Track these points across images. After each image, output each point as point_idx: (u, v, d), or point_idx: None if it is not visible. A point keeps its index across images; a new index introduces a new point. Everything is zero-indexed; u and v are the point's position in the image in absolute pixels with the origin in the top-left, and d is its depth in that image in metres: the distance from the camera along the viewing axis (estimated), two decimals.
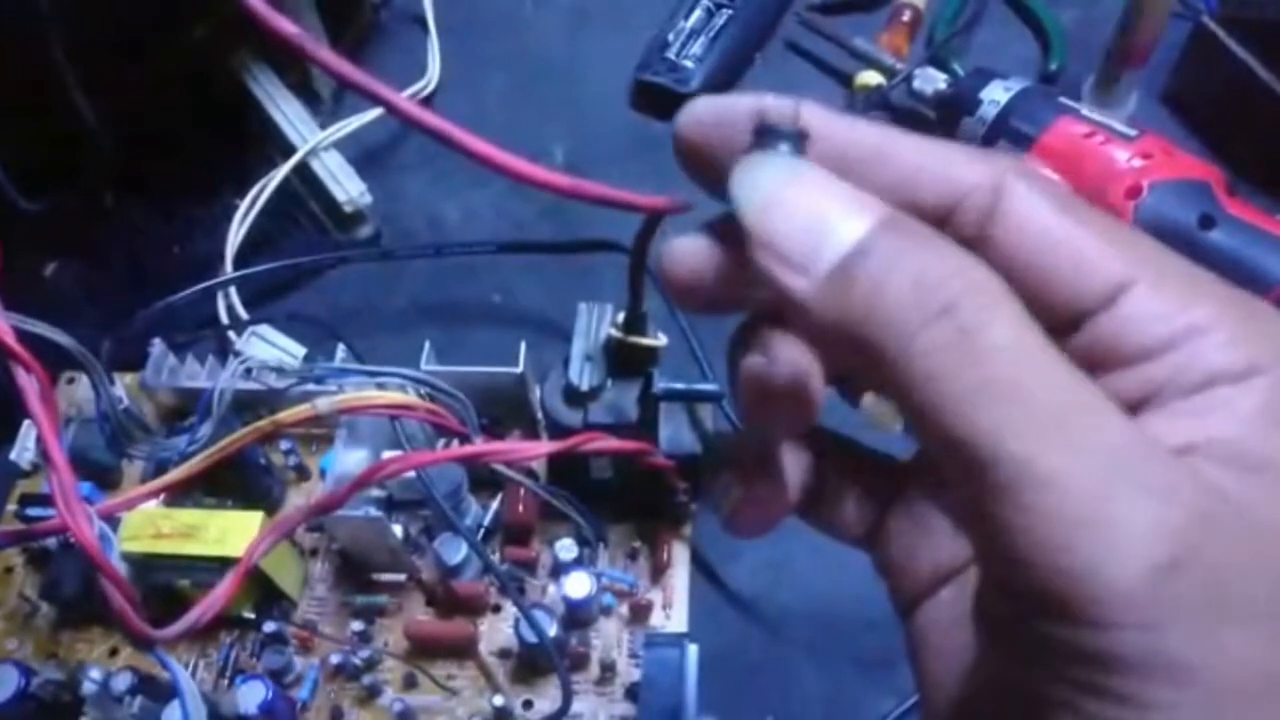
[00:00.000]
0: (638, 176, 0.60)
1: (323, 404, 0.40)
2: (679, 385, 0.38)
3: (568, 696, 0.34)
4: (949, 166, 0.17)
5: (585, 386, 0.38)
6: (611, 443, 0.36)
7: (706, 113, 0.18)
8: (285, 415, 0.40)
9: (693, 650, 0.36)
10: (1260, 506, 0.15)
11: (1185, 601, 0.13)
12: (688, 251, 0.18)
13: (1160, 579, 0.13)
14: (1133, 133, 0.48)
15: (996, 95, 0.51)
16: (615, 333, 0.39)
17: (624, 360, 0.39)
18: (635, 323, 0.38)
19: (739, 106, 0.17)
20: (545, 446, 0.35)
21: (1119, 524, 0.13)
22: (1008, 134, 0.50)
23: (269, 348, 0.50)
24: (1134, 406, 0.16)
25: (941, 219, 0.17)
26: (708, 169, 0.18)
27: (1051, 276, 0.17)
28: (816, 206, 0.16)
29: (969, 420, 0.14)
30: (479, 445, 0.36)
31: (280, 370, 0.40)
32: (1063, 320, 0.17)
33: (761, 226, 0.16)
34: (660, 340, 0.39)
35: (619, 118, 0.60)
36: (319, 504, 0.36)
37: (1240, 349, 0.16)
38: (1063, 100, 0.50)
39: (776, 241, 0.16)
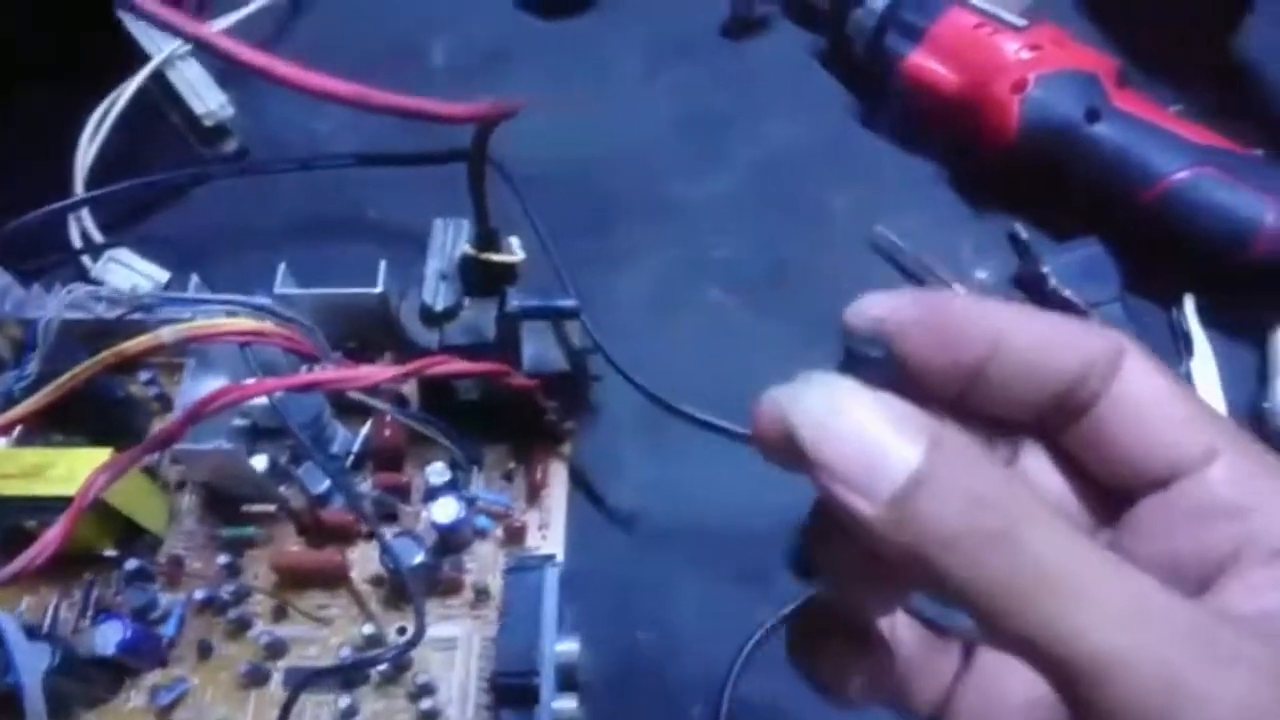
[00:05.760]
0: (526, 79, 0.58)
1: (167, 333, 0.38)
2: (533, 302, 0.36)
3: (420, 626, 0.34)
4: (1079, 339, 0.19)
5: (439, 306, 0.37)
6: (461, 364, 0.35)
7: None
8: (128, 346, 0.38)
9: (552, 573, 0.35)
10: None
11: None
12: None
13: None
14: (1022, 23, 0.46)
15: None
16: (470, 250, 0.37)
17: (481, 278, 0.37)
18: (486, 238, 0.36)
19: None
20: (386, 371, 0.34)
21: (1194, 695, 0.14)
22: (897, 25, 0.48)
23: (129, 273, 0.47)
24: (1219, 566, 0.17)
25: (1071, 384, 0.19)
26: None
27: (1154, 436, 0.18)
28: (869, 431, 0.16)
29: (1040, 628, 0.15)
30: (311, 373, 0.34)
31: (111, 299, 0.38)
32: (1155, 476, 0.18)
33: (818, 451, 0.16)
34: (517, 255, 0.37)
35: (504, 18, 0.57)
36: (156, 439, 0.34)
37: None
38: None
39: (835, 466, 0.16)
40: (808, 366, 0.17)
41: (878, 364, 0.17)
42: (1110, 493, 0.19)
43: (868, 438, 0.16)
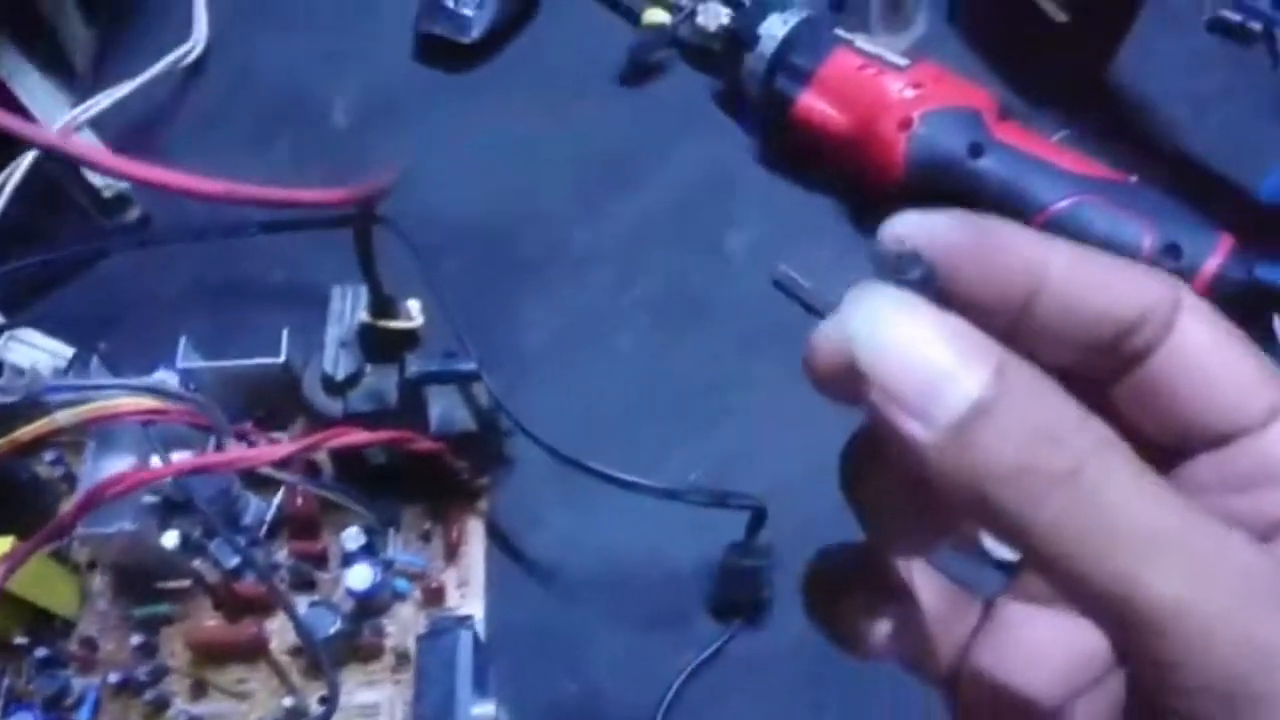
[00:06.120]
0: (430, 133, 0.58)
1: (62, 417, 0.38)
2: (433, 367, 0.36)
3: (334, 696, 0.34)
4: (1138, 281, 0.17)
5: (340, 375, 0.37)
6: (361, 435, 0.35)
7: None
8: (21, 433, 0.38)
9: (466, 635, 0.35)
10: None
11: None
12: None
13: None
14: (904, 63, 0.48)
15: (774, 29, 0.50)
16: (367, 317, 0.37)
17: (381, 344, 0.37)
18: (382, 306, 0.36)
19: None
20: (284, 448, 0.34)
21: (1266, 648, 0.13)
22: (787, 69, 0.49)
23: (31, 350, 0.46)
24: (1276, 528, 0.17)
25: (1127, 330, 0.17)
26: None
27: (1216, 391, 0.17)
28: (932, 350, 0.15)
29: (1099, 573, 0.14)
30: (209, 455, 0.34)
31: (2, 389, 0.37)
32: (1215, 433, 0.18)
33: (874, 367, 0.15)
34: (415, 320, 0.37)
35: (405, 72, 0.58)
36: (53, 527, 0.34)
37: None
38: (838, 32, 0.50)
39: (892, 384, 0.15)
40: (721, 407, 0.18)
41: (913, 287, 0.15)
42: (1160, 449, 0.18)
43: (927, 357, 0.15)
